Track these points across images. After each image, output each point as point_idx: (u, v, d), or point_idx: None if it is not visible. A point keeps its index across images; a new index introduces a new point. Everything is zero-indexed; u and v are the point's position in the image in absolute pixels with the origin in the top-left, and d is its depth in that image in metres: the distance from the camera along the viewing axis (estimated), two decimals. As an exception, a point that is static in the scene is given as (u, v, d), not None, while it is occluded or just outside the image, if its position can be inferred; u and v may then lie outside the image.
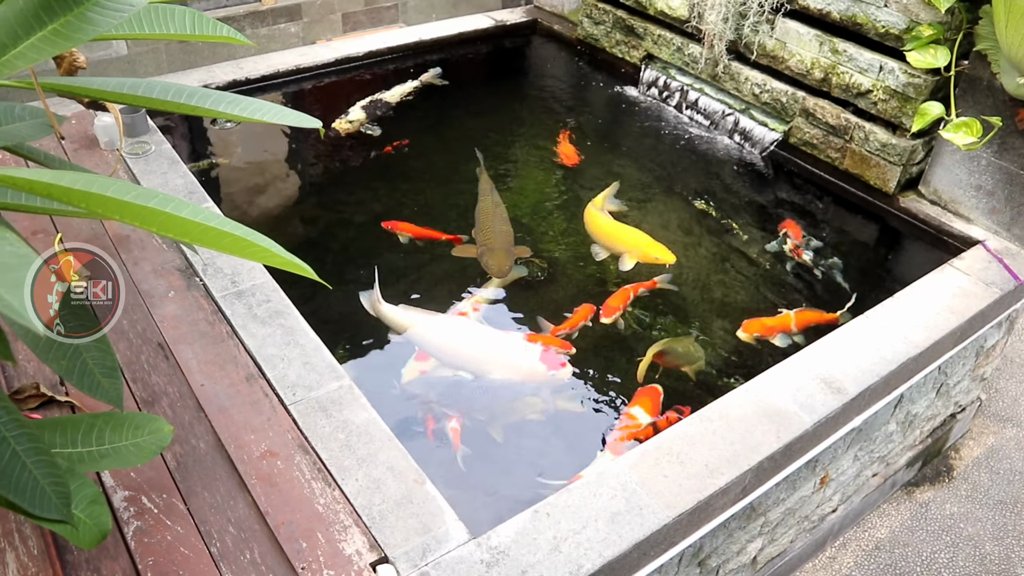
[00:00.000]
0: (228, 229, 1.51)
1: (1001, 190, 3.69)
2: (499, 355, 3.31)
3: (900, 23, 3.77)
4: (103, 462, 1.83)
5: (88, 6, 1.60)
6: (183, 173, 3.63)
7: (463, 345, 3.35)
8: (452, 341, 3.39)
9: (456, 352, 3.33)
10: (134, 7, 1.60)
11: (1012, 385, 4.86)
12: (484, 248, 3.79)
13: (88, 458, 1.82)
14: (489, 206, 4.05)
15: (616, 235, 3.99)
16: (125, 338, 2.73)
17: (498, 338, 3.41)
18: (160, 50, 6.23)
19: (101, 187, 1.44)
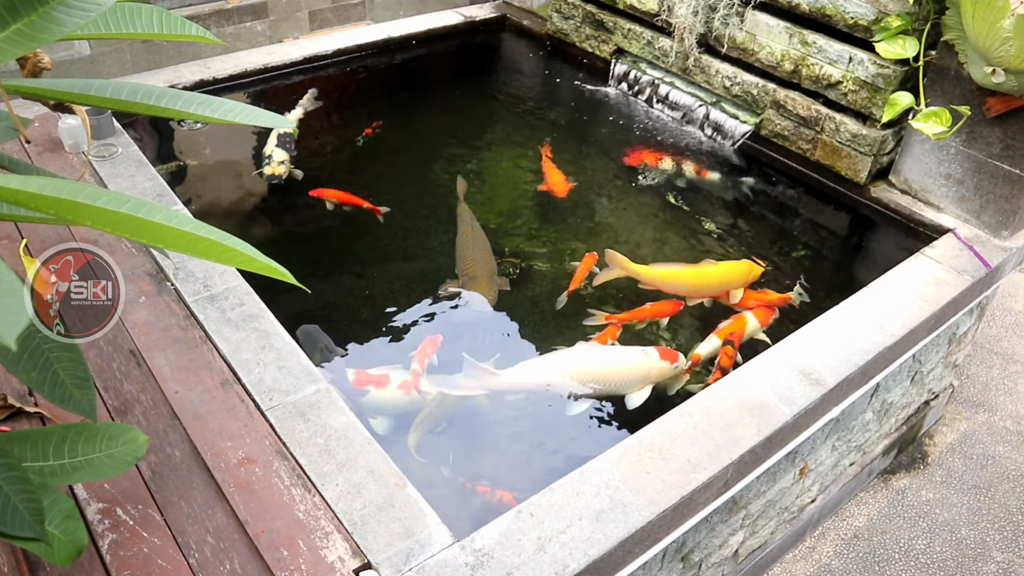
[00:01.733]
0: (203, 233, 1.47)
1: (970, 178, 3.73)
2: (630, 369, 3.22)
3: (869, 14, 3.80)
4: (76, 475, 1.78)
5: (53, 5, 1.55)
6: (151, 175, 3.56)
7: (597, 374, 3.21)
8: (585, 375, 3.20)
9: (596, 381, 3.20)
10: (101, 6, 1.55)
11: (983, 371, 4.93)
12: (466, 278, 3.68)
13: (61, 471, 1.77)
14: (468, 235, 3.93)
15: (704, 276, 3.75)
16: (95, 346, 2.67)
17: (614, 355, 3.31)
18: (124, 50, 6.11)
19: (71, 192, 1.40)
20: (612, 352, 3.34)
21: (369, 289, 3.69)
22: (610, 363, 3.26)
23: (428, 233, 4.07)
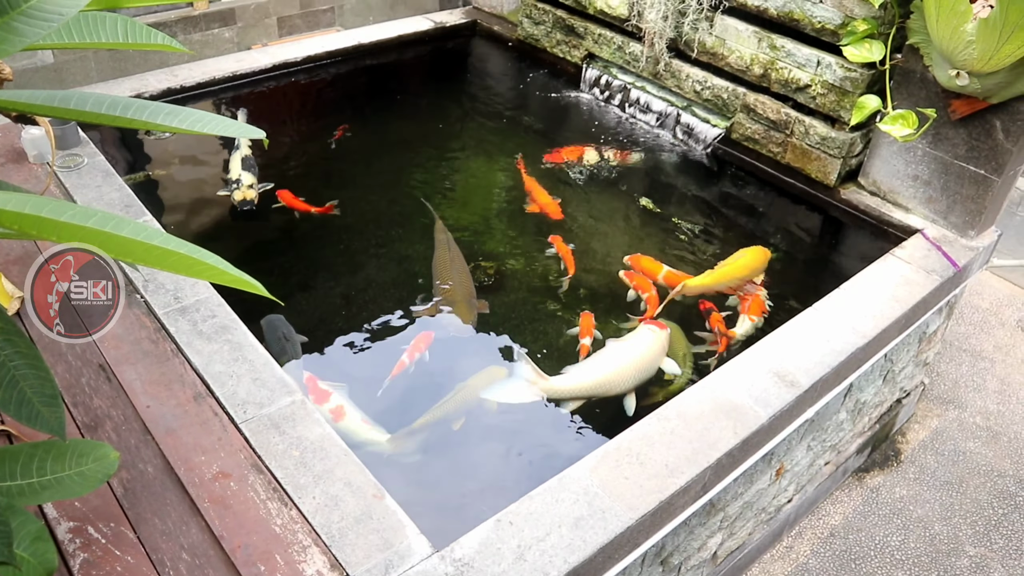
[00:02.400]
0: (172, 247, 1.45)
1: (937, 179, 3.78)
2: (655, 349, 3.35)
3: (835, 18, 3.84)
4: (45, 494, 1.75)
5: (14, 16, 1.52)
6: (119, 186, 3.50)
7: (639, 364, 3.27)
8: (631, 370, 3.25)
9: (639, 370, 3.27)
10: (63, 16, 1.52)
11: (952, 368, 5.00)
12: (444, 301, 3.64)
13: (29, 491, 1.73)
14: (446, 257, 3.85)
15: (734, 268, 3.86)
16: (63, 360, 2.62)
17: (637, 342, 3.37)
18: (88, 58, 6.03)
19: (35, 207, 1.37)
20: (634, 341, 3.39)
21: (342, 298, 3.66)
22: (641, 350, 3.33)
23: (401, 240, 4.05)
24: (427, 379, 3.29)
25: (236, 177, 4.13)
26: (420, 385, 3.29)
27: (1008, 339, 5.24)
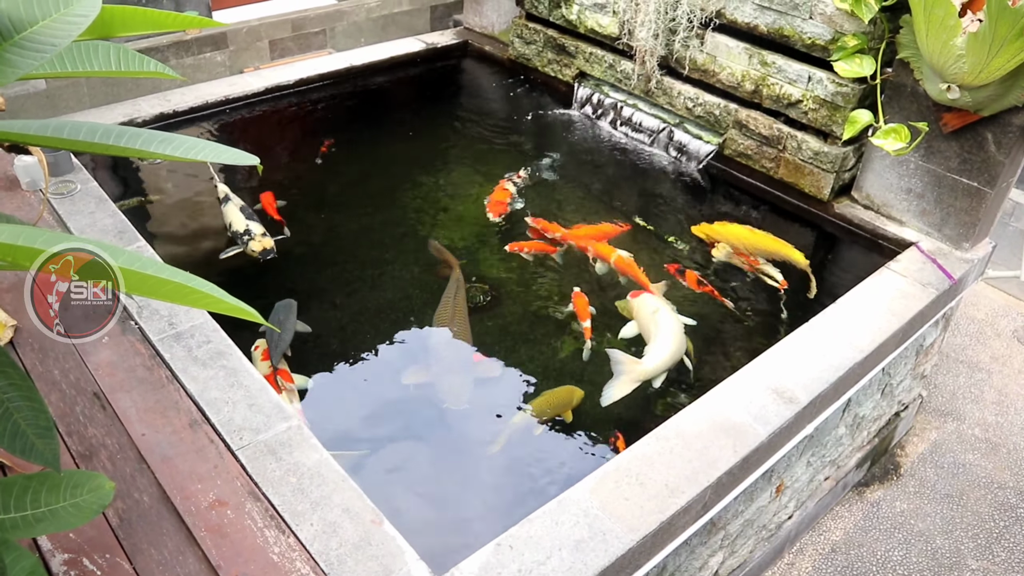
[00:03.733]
0: (167, 276, 1.44)
1: (930, 192, 3.79)
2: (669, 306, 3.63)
3: (825, 34, 3.86)
4: (39, 527, 1.72)
5: (7, 47, 1.52)
6: (112, 212, 3.49)
7: (678, 328, 3.51)
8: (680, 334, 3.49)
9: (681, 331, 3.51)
10: (56, 47, 1.52)
11: (950, 380, 5.00)
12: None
13: (23, 523, 1.71)
14: (450, 305, 3.68)
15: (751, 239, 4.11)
16: (57, 389, 2.60)
17: (662, 305, 3.61)
18: (81, 84, 6.02)
19: (28, 239, 1.36)
20: (663, 309, 3.59)
21: (338, 320, 3.64)
22: (673, 314, 3.59)
23: (395, 263, 4.04)
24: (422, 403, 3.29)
25: (244, 229, 3.90)
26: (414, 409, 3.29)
27: (1004, 350, 5.24)
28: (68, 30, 1.53)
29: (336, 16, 7.34)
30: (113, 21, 1.71)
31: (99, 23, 1.66)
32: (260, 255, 3.82)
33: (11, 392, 1.60)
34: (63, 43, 1.50)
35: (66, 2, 1.56)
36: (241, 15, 6.89)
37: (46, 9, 1.55)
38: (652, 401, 3.31)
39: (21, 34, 1.52)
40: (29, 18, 1.54)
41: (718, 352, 3.60)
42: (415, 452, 3.11)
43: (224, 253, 3.87)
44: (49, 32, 1.52)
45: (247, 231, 3.89)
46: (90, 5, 1.57)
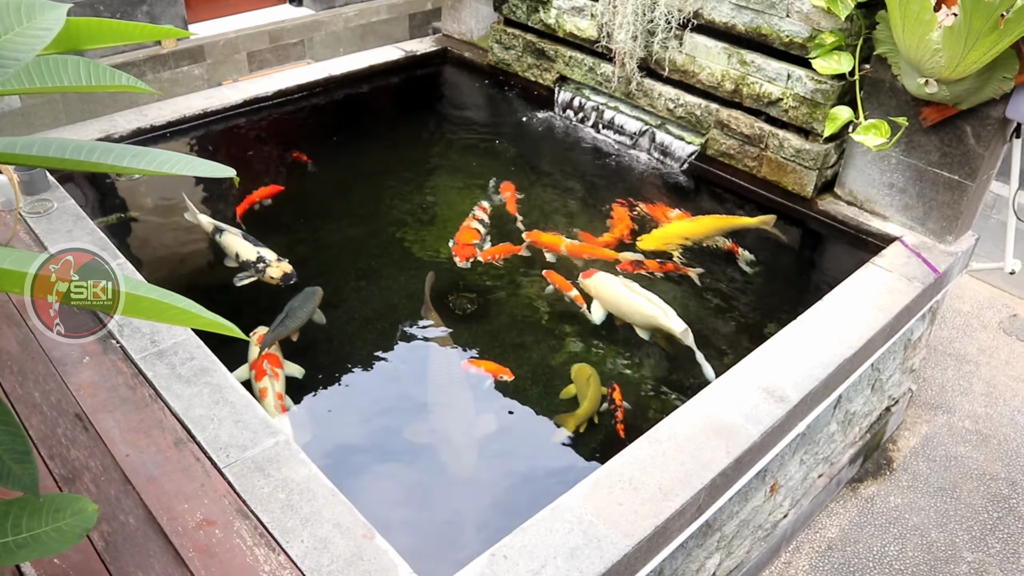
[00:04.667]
0: (143, 293, 1.41)
1: (912, 187, 3.80)
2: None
3: (803, 32, 3.87)
4: (21, 553, 1.68)
5: (-30, 63, 1.48)
6: (90, 230, 3.45)
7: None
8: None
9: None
10: (20, 62, 1.49)
11: (938, 373, 5.01)
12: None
13: (4, 550, 1.67)
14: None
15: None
16: (38, 411, 2.55)
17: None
18: (56, 100, 5.97)
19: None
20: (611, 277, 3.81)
21: (325, 332, 3.60)
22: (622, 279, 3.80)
23: (380, 273, 4.00)
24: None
25: (256, 256, 3.74)
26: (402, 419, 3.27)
27: (991, 341, 5.26)
28: (32, 44, 1.50)
29: (314, 26, 7.31)
30: (80, 34, 1.68)
31: (65, 36, 1.62)
32: (281, 281, 3.68)
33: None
34: (27, 57, 1.47)
35: (28, 16, 1.53)
36: (218, 27, 6.85)
37: (8, 24, 1.52)
38: (643, 402, 3.29)
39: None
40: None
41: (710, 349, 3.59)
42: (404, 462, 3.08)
43: (239, 280, 3.69)
44: (12, 47, 1.49)
45: (260, 258, 3.73)
46: (53, 19, 1.54)
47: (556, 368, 3.45)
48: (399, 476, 3.00)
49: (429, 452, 3.14)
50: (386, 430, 3.21)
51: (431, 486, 2.99)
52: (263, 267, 3.70)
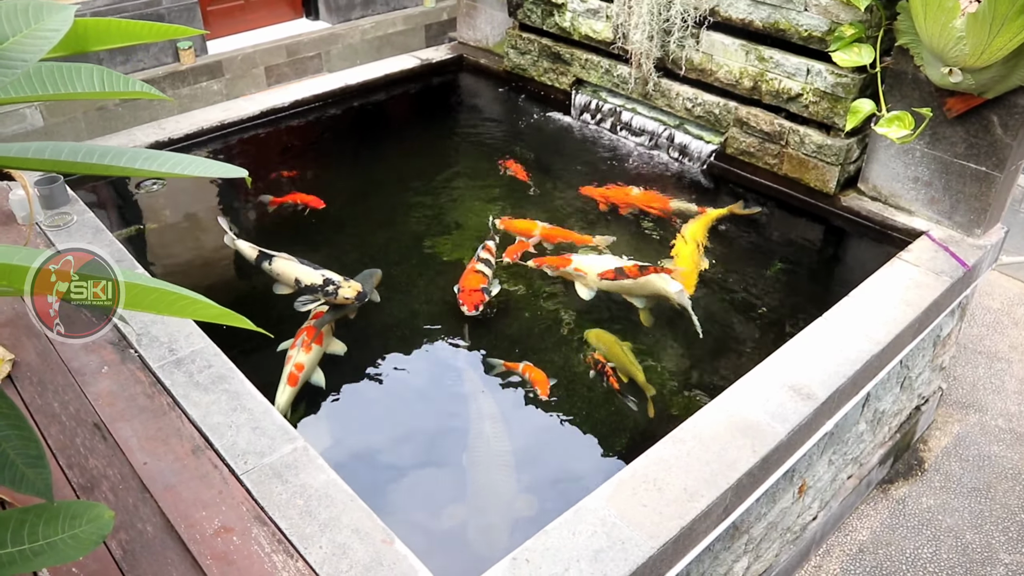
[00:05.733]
0: (153, 285, 1.39)
1: (938, 180, 3.72)
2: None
3: (822, 25, 3.81)
4: (38, 560, 1.66)
5: (-23, 65, 1.48)
6: (109, 241, 3.46)
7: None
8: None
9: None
10: (27, 62, 1.48)
11: (969, 371, 4.90)
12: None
13: (20, 558, 1.65)
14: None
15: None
16: (57, 421, 2.54)
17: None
18: (78, 119, 6.03)
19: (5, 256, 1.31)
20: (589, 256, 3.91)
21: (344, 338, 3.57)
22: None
23: (399, 280, 3.98)
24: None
25: (323, 280, 3.59)
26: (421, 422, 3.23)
27: (1023, 338, 5.14)
28: (40, 45, 1.49)
29: (330, 39, 7.35)
30: (88, 35, 1.67)
31: (73, 37, 1.62)
32: (356, 299, 3.55)
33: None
34: (34, 58, 1.46)
35: (36, 18, 1.52)
36: (236, 43, 6.91)
37: (16, 26, 1.51)
38: (666, 401, 3.24)
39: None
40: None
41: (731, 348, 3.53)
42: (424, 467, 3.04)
43: (303, 306, 3.55)
44: (20, 48, 1.48)
45: (328, 281, 3.59)
46: (61, 20, 1.53)
47: (578, 372, 3.40)
48: (418, 480, 2.97)
49: (448, 455, 3.10)
50: (405, 435, 3.18)
51: (450, 490, 2.95)
52: (334, 289, 3.56)
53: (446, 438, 3.19)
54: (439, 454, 3.13)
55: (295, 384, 3.15)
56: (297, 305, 3.56)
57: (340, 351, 3.42)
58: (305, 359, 3.23)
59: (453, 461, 3.08)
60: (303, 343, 3.27)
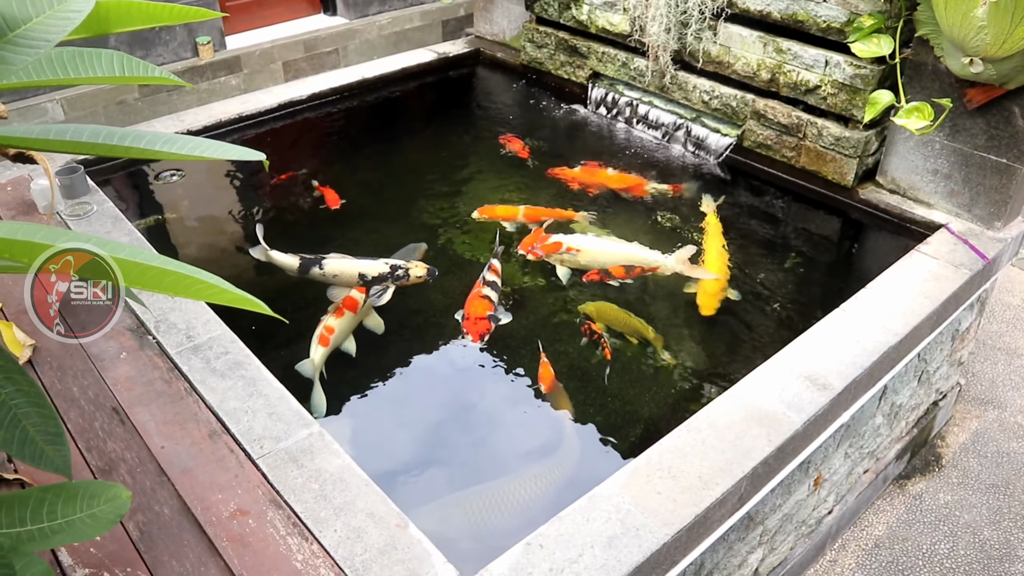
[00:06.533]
0: (170, 267, 1.41)
1: (957, 172, 3.69)
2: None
3: (840, 16, 3.79)
4: (56, 538, 1.68)
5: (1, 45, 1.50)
6: (128, 231, 3.49)
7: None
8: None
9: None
10: (50, 43, 1.50)
11: (988, 367, 4.85)
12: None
13: (39, 535, 1.67)
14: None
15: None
16: (76, 405, 2.57)
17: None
18: (98, 112, 6.09)
19: (27, 233, 1.33)
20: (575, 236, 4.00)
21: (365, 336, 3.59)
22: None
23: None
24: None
25: (391, 266, 3.68)
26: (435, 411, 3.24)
27: (1044, 334, 5.09)
28: (62, 26, 1.51)
29: (348, 35, 7.38)
30: (109, 16, 1.69)
31: (95, 19, 1.63)
32: (428, 276, 3.73)
33: (19, 399, 1.57)
34: (56, 38, 1.48)
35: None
36: (254, 38, 6.95)
37: (40, 6, 1.53)
38: (679, 391, 3.23)
39: (15, 32, 1.49)
40: (23, 16, 1.52)
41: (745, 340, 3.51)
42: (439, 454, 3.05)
43: (380, 298, 3.58)
44: (43, 29, 1.50)
45: (395, 267, 3.69)
46: (84, 1, 1.55)
47: (593, 362, 3.40)
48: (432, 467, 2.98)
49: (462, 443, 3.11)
50: (419, 423, 3.18)
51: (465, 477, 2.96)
52: (404, 272, 3.67)
53: (460, 427, 3.20)
54: (452, 442, 3.13)
55: (326, 345, 3.29)
56: (372, 300, 3.57)
57: (378, 328, 3.50)
58: (335, 323, 3.36)
59: (467, 448, 3.08)
60: (336, 309, 3.42)
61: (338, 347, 3.35)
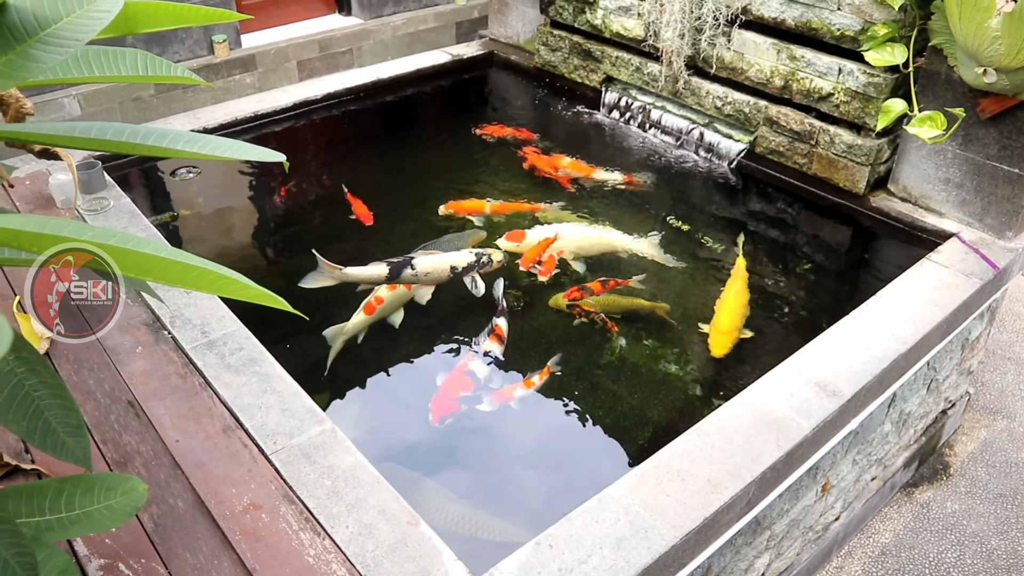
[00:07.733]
0: (194, 263, 1.43)
1: (969, 181, 3.69)
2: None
3: (855, 24, 3.80)
4: (73, 528, 1.71)
5: (32, 44, 1.53)
6: (144, 226, 3.53)
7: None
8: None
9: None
10: (79, 42, 1.52)
11: (997, 377, 4.85)
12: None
13: (58, 525, 1.70)
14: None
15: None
16: (92, 398, 2.60)
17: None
18: (115, 108, 6.14)
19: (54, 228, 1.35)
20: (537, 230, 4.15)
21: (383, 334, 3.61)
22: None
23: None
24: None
25: (474, 256, 3.76)
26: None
27: (1054, 345, 5.09)
28: (91, 25, 1.54)
29: (362, 35, 7.42)
30: (136, 17, 1.71)
31: (123, 19, 1.66)
32: (506, 259, 3.93)
33: (42, 390, 1.60)
34: (86, 38, 1.50)
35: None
36: (269, 37, 7.00)
37: (70, 6, 1.56)
38: (689, 395, 3.25)
39: (46, 31, 1.53)
40: (53, 15, 1.55)
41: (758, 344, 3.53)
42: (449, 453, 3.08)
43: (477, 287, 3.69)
44: (73, 28, 1.53)
45: (479, 256, 3.78)
46: (113, 1, 1.58)
47: (602, 365, 3.42)
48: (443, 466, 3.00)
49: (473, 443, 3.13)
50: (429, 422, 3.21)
51: (475, 476, 2.99)
52: (488, 259, 3.82)
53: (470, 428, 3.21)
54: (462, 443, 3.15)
55: (370, 313, 3.45)
56: (476, 291, 3.69)
57: (396, 320, 3.57)
58: (387, 295, 3.53)
59: (478, 451, 3.11)
60: (387, 287, 3.55)
61: (383, 318, 3.54)
